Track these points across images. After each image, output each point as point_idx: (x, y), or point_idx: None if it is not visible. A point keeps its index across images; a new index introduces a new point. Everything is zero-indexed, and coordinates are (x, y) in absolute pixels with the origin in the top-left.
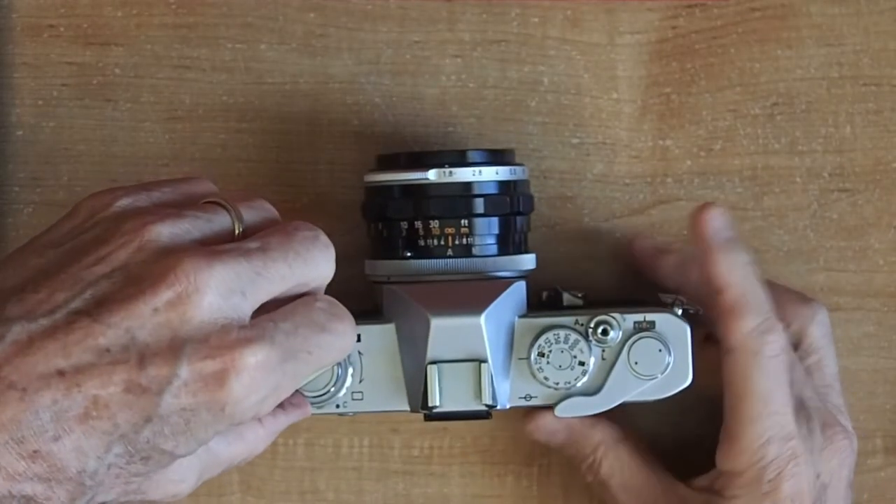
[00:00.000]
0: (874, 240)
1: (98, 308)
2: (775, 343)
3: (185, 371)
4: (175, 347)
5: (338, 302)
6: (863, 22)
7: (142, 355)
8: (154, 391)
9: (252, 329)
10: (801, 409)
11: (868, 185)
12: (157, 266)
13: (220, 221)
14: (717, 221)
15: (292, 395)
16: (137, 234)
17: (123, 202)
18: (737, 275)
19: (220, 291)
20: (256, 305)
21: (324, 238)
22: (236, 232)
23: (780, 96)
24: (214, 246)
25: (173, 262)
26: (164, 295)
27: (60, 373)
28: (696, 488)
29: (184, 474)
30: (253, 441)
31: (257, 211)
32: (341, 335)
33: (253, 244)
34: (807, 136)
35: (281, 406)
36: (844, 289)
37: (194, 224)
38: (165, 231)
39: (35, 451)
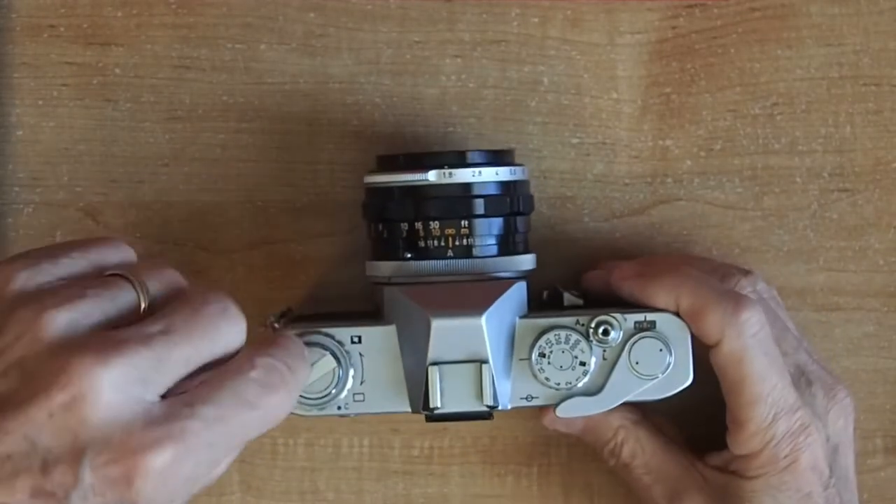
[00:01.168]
0: (874, 240)
1: None
2: (752, 319)
3: (88, 476)
4: (76, 452)
5: (280, 364)
6: (863, 22)
7: (44, 461)
8: (61, 496)
9: (160, 425)
10: (801, 376)
11: (868, 185)
12: (50, 365)
13: (124, 298)
14: (626, 271)
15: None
16: (32, 324)
17: (21, 279)
18: (678, 288)
19: (117, 387)
20: (162, 390)
21: (233, 309)
22: (142, 307)
23: (780, 96)
24: (113, 333)
25: (64, 361)
26: (58, 398)
27: None
28: (714, 466)
29: None
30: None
31: (165, 281)
32: (274, 408)
33: (155, 327)
34: (807, 136)
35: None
36: (844, 289)
37: (96, 304)
38: (63, 319)
39: None
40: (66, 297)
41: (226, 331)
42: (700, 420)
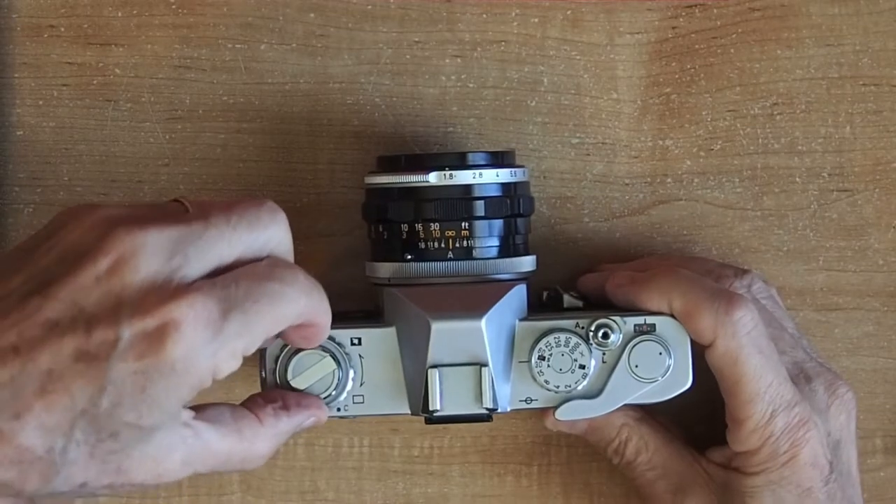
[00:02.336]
0: (874, 240)
1: (47, 286)
2: (745, 318)
3: (126, 332)
4: (116, 311)
5: (287, 261)
6: (862, 22)
7: (88, 323)
8: (102, 357)
9: (189, 285)
10: (799, 372)
11: (868, 185)
12: (99, 237)
13: (172, 207)
14: (620, 278)
15: (301, 396)
16: (86, 218)
17: (87, 206)
18: (670, 291)
19: (157, 253)
20: (204, 269)
21: (271, 204)
22: None
23: (780, 96)
24: (157, 216)
25: (110, 230)
26: (103, 262)
27: (15, 349)
28: (715, 463)
29: (165, 451)
30: (251, 438)
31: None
32: (290, 284)
33: (194, 212)
34: (807, 136)
35: (285, 408)
36: (844, 289)
37: (145, 209)
38: (113, 213)
39: None
40: (122, 207)
41: (264, 218)
42: (701, 417)
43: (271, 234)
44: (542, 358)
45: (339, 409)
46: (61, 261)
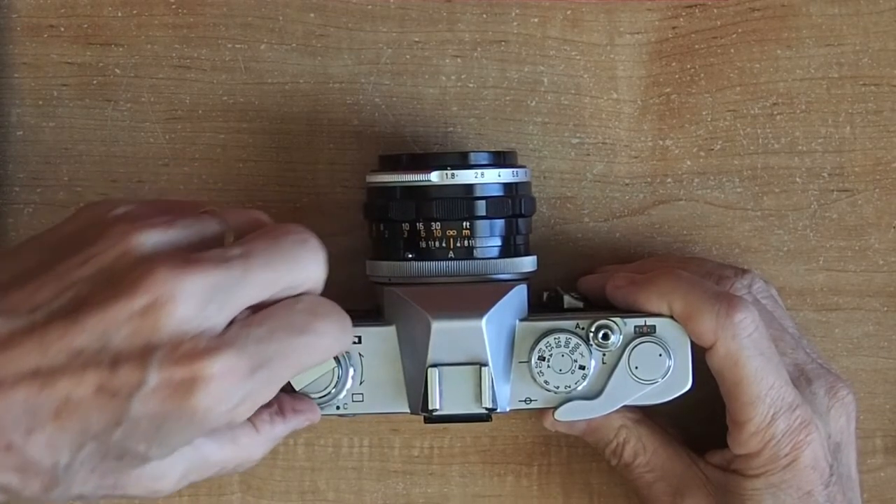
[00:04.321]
0: (874, 240)
1: (76, 310)
2: (745, 320)
3: (153, 378)
4: (146, 354)
5: (326, 301)
6: (862, 22)
7: (114, 359)
8: (124, 395)
9: (221, 338)
10: (800, 374)
11: (868, 185)
12: (136, 272)
13: (211, 229)
14: (619, 280)
15: (296, 400)
16: (123, 238)
17: (121, 209)
18: (671, 293)
19: (194, 301)
20: (235, 312)
21: (314, 241)
22: (227, 241)
23: (780, 96)
24: (196, 253)
25: (150, 269)
26: (139, 301)
27: (34, 373)
28: (714, 465)
29: (165, 470)
30: (247, 446)
31: (250, 218)
32: (323, 335)
33: (236, 251)
34: (807, 136)
35: (280, 413)
36: (844, 289)
37: (183, 232)
38: (152, 238)
39: (8, 444)
40: (158, 222)
41: (305, 259)
42: (700, 419)
43: (310, 273)
44: (542, 358)
45: (338, 408)
46: (94, 282)
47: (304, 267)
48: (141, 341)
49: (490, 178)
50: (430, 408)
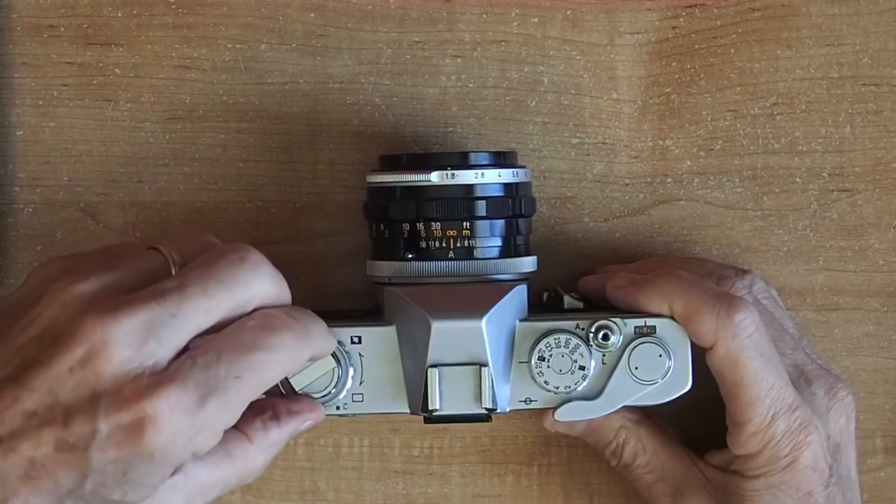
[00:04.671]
0: (874, 240)
1: (24, 373)
2: (746, 320)
3: (104, 425)
4: (93, 403)
5: (282, 312)
6: (863, 22)
7: (65, 414)
8: (82, 447)
9: (164, 373)
10: (800, 375)
11: (868, 185)
12: (72, 325)
13: (154, 264)
14: (619, 280)
15: (292, 402)
16: (61, 293)
17: (62, 265)
18: (671, 293)
19: (129, 342)
20: (181, 344)
21: (253, 258)
22: (172, 272)
23: (780, 96)
24: (129, 294)
25: (83, 319)
26: (77, 353)
27: None
28: (714, 465)
29: None
30: (243, 458)
31: (196, 244)
32: (276, 349)
33: (171, 283)
34: (807, 136)
35: (275, 417)
36: (844, 289)
37: (123, 274)
38: (88, 287)
39: None
40: (96, 269)
41: (244, 278)
42: (700, 419)
43: (254, 290)
44: (542, 359)
45: (338, 408)
46: (38, 342)
47: (245, 286)
48: (86, 392)
49: (490, 179)
50: (430, 408)
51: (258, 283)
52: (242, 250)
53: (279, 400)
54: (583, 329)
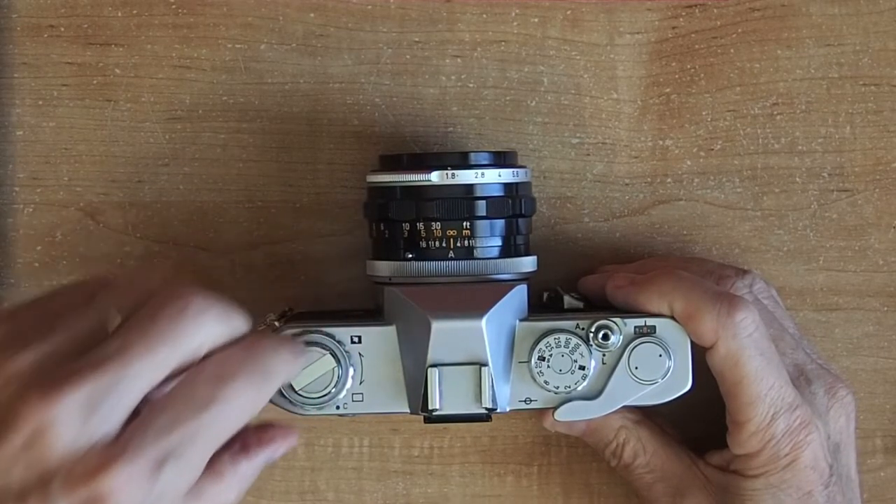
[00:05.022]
0: (874, 240)
1: None
2: (746, 320)
3: None
4: (45, 484)
5: (238, 353)
6: (863, 22)
7: (19, 496)
8: None
9: (115, 445)
10: (800, 374)
11: (868, 185)
12: (14, 405)
13: (93, 321)
14: (619, 280)
15: (261, 431)
16: (1, 368)
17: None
18: (671, 293)
19: (74, 417)
20: (130, 408)
21: (196, 303)
22: (111, 327)
23: (780, 96)
24: (68, 365)
25: (24, 399)
26: (22, 435)
27: None
28: (714, 465)
29: None
30: (216, 495)
31: (140, 292)
32: (234, 399)
33: (111, 347)
34: (807, 136)
35: (244, 450)
36: (844, 289)
37: (62, 337)
38: (26, 360)
39: None
40: (34, 336)
41: (189, 327)
42: (700, 419)
43: (202, 337)
44: (542, 358)
45: (338, 408)
46: None
47: (191, 336)
48: (36, 473)
49: (490, 179)
50: (430, 408)
51: (205, 329)
52: (185, 297)
53: (249, 429)
54: (583, 329)
